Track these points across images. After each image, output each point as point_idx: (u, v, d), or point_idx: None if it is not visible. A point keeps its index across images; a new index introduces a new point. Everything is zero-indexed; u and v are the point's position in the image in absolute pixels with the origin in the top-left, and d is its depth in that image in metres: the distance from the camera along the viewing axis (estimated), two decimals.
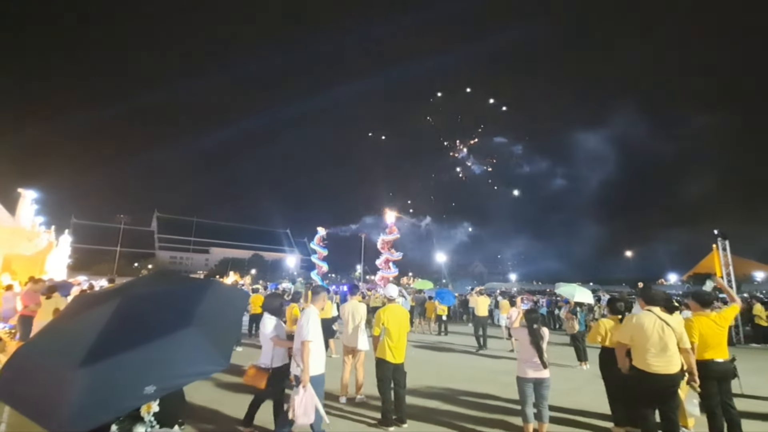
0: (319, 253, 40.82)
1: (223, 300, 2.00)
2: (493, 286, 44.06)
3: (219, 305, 1.92)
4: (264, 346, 4.34)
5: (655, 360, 3.68)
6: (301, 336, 3.77)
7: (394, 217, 38.50)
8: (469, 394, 6.36)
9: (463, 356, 10.08)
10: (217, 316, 1.85)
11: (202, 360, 1.66)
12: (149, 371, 1.54)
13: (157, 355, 1.58)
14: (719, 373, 4.15)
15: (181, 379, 1.65)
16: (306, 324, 3.78)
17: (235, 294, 2.45)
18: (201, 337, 1.66)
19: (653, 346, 3.70)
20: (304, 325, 3.79)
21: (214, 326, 1.78)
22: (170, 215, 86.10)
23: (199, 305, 1.77)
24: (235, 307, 2.22)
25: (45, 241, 18.80)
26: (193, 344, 1.64)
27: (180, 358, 1.62)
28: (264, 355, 4.29)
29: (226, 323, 1.95)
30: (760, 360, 10.51)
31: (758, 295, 20.91)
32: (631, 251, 64.22)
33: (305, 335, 3.72)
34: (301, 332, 3.79)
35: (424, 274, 48.18)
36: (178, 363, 1.62)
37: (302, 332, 3.76)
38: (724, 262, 14.67)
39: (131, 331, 1.63)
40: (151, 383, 1.51)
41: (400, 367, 4.87)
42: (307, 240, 53.40)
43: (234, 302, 2.22)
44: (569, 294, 9.34)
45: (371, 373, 5.17)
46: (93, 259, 56.47)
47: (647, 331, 3.73)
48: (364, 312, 6.44)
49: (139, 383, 1.50)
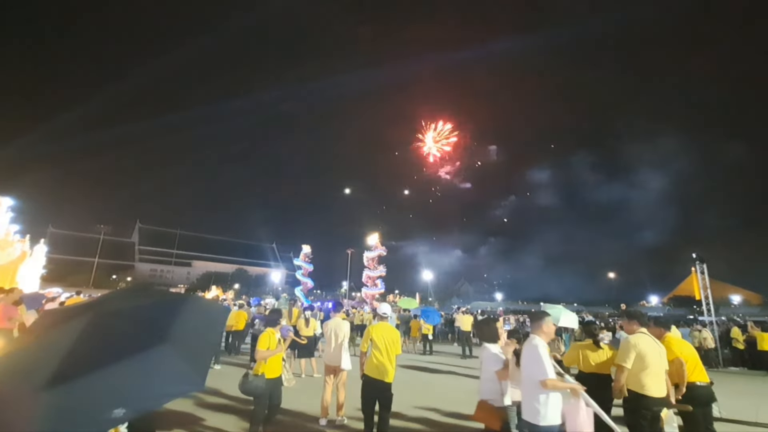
0: (305, 269, 40.41)
1: (200, 316, 1.91)
2: (479, 305, 44.09)
3: (196, 322, 1.84)
4: (488, 379, 3.73)
5: (651, 382, 3.71)
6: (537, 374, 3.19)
7: (378, 236, 38.58)
8: (452, 415, 6.25)
9: (449, 377, 9.94)
10: (193, 334, 1.77)
11: (175, 380, 1.57)
12: (118, 393, 1.46)
13: (127, 376, 1.49)
14: (704, 398, 4.18)
15: (152, 401, 1.57)
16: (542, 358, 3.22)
17: (214, 310, 2.33)
18: (175, 355, 1.58)
19: (651, 369, 3.72)
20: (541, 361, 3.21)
21: (189, 344, 1.69)
22: (153, 226, 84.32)
23: (175, 322, 1.69)
24: (214, 325, 2.13)
25: (18, 251, 18.15)
26: (166, 364, 1.56)
27: (151, 378, 1.53)
28: (491, 390, 3.69)
29: (202, 341, 1.87)
30: (740, 383, 10.65)
31: (735, 318, 21.37)
32: (613, 273, 65.36)
33: (545, 373, 3.15)
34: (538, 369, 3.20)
35: (410, 293, 47.99)
36: (150, 384, 1.53)
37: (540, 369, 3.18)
38: (702, 285, 15.00)
39: (100, 350, 1.55)
40: (120, 405, 1.43)
41: (387, 388, 4.64)
42: (293, 254, 52.81)
43: (213, 319, 2.13)
44: (554, 317, 9.38)
45: (354, 394, 5.03)
46: (69, 270, 54.49)
47: (647, 353, 3.75)
48: (347, 330, 6.30)
49: (108, 406, 1.42)
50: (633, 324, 4.18)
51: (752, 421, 6.53)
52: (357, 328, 16.78)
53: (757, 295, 52.36)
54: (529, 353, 3.24)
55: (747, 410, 7.02)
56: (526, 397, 3.21)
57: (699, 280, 15.18)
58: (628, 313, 4.54)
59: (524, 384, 3.27)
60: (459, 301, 53.88)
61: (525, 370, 3.25)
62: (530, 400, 3.14)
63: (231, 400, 6.51)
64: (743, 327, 14.69)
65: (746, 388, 10.06)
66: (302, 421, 5.62)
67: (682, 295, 47.25)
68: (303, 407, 6.13)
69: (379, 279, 38.06)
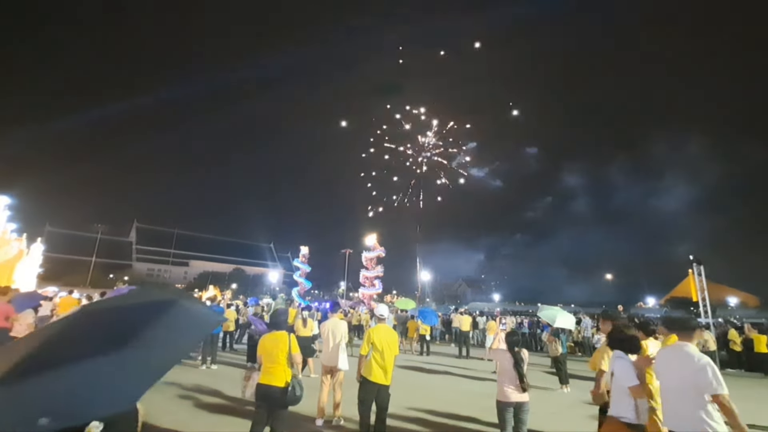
0: (302, 270, 40.33)
1: (178, 323, 1.69)
2: (476, 306, 44.14)
3: (170, 329, 1.63)
4: (621, 395, 3.36)
5: None
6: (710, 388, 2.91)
7: (376, 237, 38.58)
8: (449, 416, 6.24)
9: (446, 377, 9.93)
10: (158, 343, 1.56)
11: (105, 399, 1.40)
12: (48, 401, 1.34)
13: (60, 384, 1.36)
14: None
15: (74, 419, 1.37)
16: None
17: (199, 316, 1.91)
18: (116, 368, 1.40)
19: None
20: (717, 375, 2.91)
21: (144, 356, 1.50)
22: (151, 226, 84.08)
23: (140, 328, 1.53)
24: (191, 334, 1.86)
25: (15, 249, 18.06)
26: (103, 377, 1.39)
27: (82, 391, 1.37)
28: (623, 406, 3.31)
29: (164, 353, 1.64)
30: (737, 386, 10.65)
31: (732, 321, 21.42)
32: (610, 274, 65.50)
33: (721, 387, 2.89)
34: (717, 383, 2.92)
35: (408, 293, 48.00)
36: (78, 397, 1.37)
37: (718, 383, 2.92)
38: (700, 287, 15.04)
39: (52, 353, 1.44)
40: (47, 415, 1.29)
41: (385, 389, 4.65)
42: (290, 255, 52.64)
43: (192, 325, 1.83)
44: (551, 318, 9.36)
45: (351, 394, 5.01)
46: (66, 269, 54.24)
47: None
48: (344, 330, 6.29)
49: (35, 413, 1.29)
50: (607, 325, 4.15)
51: (749, 423, 6.52)
52: (354, 329, 16.79)
53: (755, 297, 52.54)
54: (702, 365, 2.86)
55: (744, 413, 6.93)
56: (690, 408, 2.89)
57: (696, 282, 15.22)
58: (604, 314, 4.49)
59: (685, 394, 2.92)
60: (456, 301, 53.94)
61: (683, 380, 2.92)
62: (697, 412, 2.86)
63: (230, 401, 6.48)
64: (740, 329, 14.72)
65: (743, 390, 10.07)
66: (298, 422, 5.59)
67: (680, 297, 47.38)
68: (299, 408, 6.08)
69: (376, 279, 38.03)
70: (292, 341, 4.11)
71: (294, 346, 4.09)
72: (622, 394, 3.30)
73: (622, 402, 3.29)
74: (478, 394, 7.88)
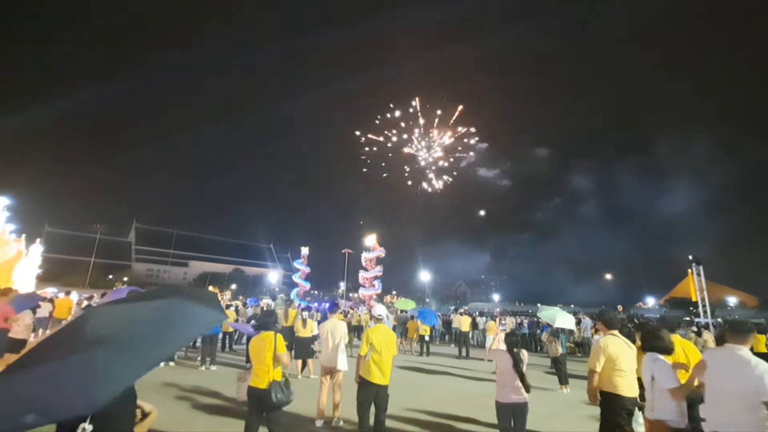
0: (302, 271, 40.27)
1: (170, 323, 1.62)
2: (476, 307, 44.14)
3: (161, 329, 1.58)
4: (663, 397, 3.31)
5: (624, 382, 3.77)
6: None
7: (376, 237, 38.56)
8: (449, 417, 6.23)
9: (446, 378, 9.93)
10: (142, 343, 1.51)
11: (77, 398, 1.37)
12: (34, 397, 1.33)
13: (46, 381, 1.36)
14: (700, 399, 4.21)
15: (53, 415, 1.36)
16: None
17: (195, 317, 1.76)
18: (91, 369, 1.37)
19: (623, 370, 3.78)
20: None
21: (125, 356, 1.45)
22: (150, 226, 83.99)
23: (126, 327, 1.50)
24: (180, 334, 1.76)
25: (14, 250, 18.03)
26: (79, 376, 1.38)
27: (61, 389, 1.37)
28: (668, 409, 3.25)
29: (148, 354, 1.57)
30: None
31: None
32: (610, 274, 65.57)
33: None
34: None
35: (408, 293, 47.96)
36: (58, 395, 1.36)
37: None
38: (699, 287, 15.06)
39: (48, 349, 1.47)
40: (33, 411, 1.30)
41: (383, 389, 4.65)
42: (290, 255, 52.58)
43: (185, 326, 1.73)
44: (550, 318, 9.35)
45: (350, 395, 5.01)
46: (65, 270, 54.23)
47: (618, 355, 3.82)
48: (344, 331, 6.28)
49: (22, 408, 1.30)
50: (603, 327, 4.23)
51: None
52: (354, 329, 16.76)
53: (753, 297, 52.65)
54: (762, 371, 2.74)
55: None
56: (746, 413, 2.77)
57: (695, 282, 15.24)
58: (600, 316, 4.55)
59: (743, 399, 2.81)
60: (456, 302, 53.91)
61: (740, 384, 2.83)
62: (754, 417, 2.74)
63: (229, 402, 6.47)
64: None
65: None
66: (298, 423, 5.58)
67: (679, 297, 47.46)
68: (298, 409, 6.09)
69: (376, 280, 37.99)
70: (277, 341, 4.04)
71: (279, 346, 4.03)
72: (664, 397, 3.25)
73: (665, 405, 3.24)
74: (478, 395, 7.87)
